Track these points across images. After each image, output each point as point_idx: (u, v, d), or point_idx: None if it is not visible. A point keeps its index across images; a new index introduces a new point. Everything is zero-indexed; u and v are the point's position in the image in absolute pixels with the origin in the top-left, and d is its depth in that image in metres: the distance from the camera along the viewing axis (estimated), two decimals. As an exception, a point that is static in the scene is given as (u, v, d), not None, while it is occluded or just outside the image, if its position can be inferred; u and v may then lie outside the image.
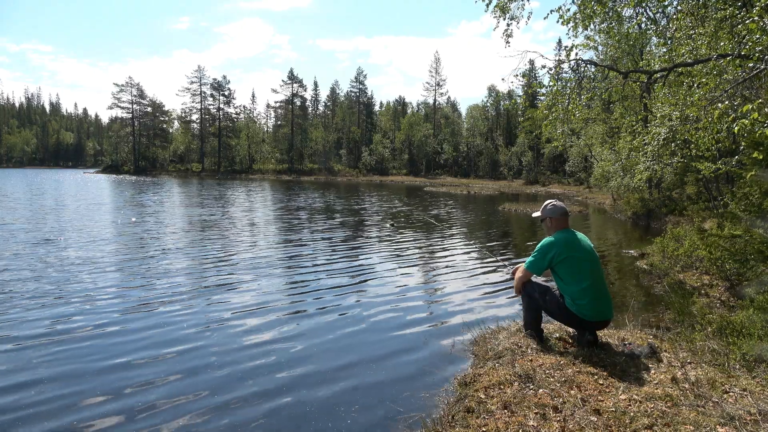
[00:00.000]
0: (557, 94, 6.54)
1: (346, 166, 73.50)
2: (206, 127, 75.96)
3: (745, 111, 3.87)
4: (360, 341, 4.79)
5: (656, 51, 13.20)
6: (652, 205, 17.37)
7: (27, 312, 5.39)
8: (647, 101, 14.98)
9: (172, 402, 3.45)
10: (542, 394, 2.97)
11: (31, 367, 4.02)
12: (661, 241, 8.75)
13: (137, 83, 75.44)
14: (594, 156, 29.05)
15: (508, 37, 6.82)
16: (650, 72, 7.15)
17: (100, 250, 9.29)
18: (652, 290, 6.93)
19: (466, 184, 51.29)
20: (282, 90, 75.35)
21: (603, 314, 3.80)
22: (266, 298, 6.25)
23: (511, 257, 9.92)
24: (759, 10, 4.20)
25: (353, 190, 38.45)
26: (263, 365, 4.14)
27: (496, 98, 71.77)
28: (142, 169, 72.07)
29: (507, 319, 5.02)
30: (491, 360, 3.76)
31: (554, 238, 3.86)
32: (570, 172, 47.40)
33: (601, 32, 7.19)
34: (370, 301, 6.23)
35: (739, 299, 5.66)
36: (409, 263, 8.91)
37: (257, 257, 9.00)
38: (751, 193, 6.74)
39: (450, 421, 2.93)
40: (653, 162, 12.91)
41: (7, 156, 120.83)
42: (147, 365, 4.10)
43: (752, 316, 4.21)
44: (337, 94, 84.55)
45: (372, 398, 3.56)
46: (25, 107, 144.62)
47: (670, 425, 2.61)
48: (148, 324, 5.12)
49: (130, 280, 7.06)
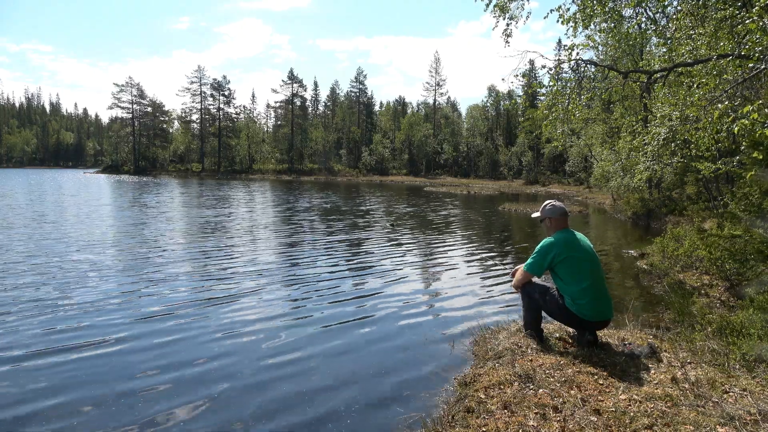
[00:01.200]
0: (557, 94, 6.54)
1: (346, 166, 73.50)
2: (206, 127, 75.96)
3: (745, 111, 3.87)
4: (360, 341, 4.79)
5: (656, 51, 13.21)
6: (652, 205, 17.37)
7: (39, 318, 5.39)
8: (647, 101, 14.98)
9: (170, 402, 3.46)
10: (542, 394, 2.97)
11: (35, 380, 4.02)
12: (661, 241, 8.75)
13: (137, 83, 75.51)
14: (594, 156, 29.05)
15: (507, 37, 6.83)
16: (650, 72, 7.16)
17: (114, 255, 9.29)
18: (652, 290, 6.93)
19: (466, 184, 51.28)
20: (282, 90, 75.42)
21: (603, 314, 3.80)
22: (267, 299, 6.25)
23: (511, 257, 9.91)
24: (759, 10, 4.20)
25: (355, 190, 38.45)
26: (263, 365, 4.13)
27: (496, 98, 71.81)
28: (142, 169, 72.07)
29: (507, 319, 5.02)
30: (491, 360, 3.76)
31: (554, 239, 3.86)
32: (570, 172, 47.40)
33: (601, 32, 7.20)
34: (370, 301, 6.22)
35: (739, 299, 5.66)
36: (409, 263, 8.91)
37: (262, 260, 9.00)
38: (751, 193, 6.74)
39: (450, 421, 2.93)
40: (653, 162, 12.91)
41: (7, 156, 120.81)
42: (152, 377, 4.10)
43: (752, 316, 4.21)
44: (337, 94, 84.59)
45: (372, 398, 3.56)
46: (25, 107, 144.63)
47: (670, 425, 2.61)
48: (154, 330, 5.11)
49: (146, 287, 7.05)
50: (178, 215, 16.74)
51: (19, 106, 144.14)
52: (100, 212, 16.81)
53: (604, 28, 7.16)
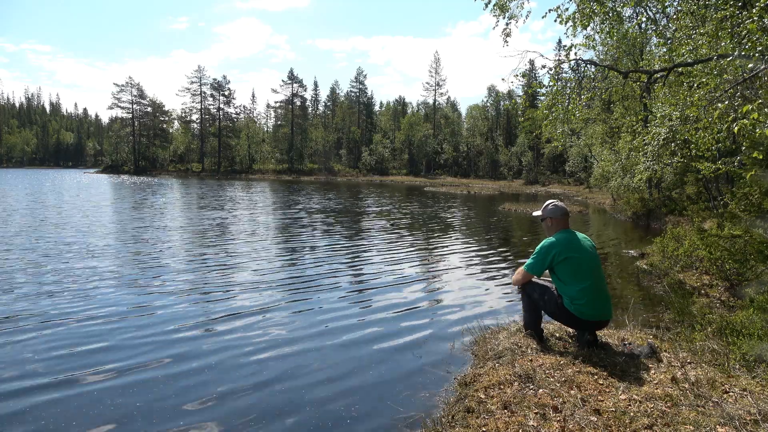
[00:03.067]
0: (557, 94, 6.53)
1: (346, 166, 73.51)
2: (206, 127, 75.98)
3: (745, 111, 3.87)
4: (360, 341, 4.78)
5: (656, 51, 13.21)
6: (652, 205, 17.37)
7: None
8: (647, 101, 14.98)
9: (165, 401, 3.46)
10: (542, 394, 2.97)
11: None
12: (661, 241, 8.74)
13: (137, 83, 75.51)
14: (594, 156, 29.05)
15: (506, 37, 6.82)
16: (650, 72, 7.15)
17: (130, 260, 9.29)
18: (652, 290, 6.93)
19: (466, 184, 51.29)
20: (282, 90, 75.42)
21: (602, 314, 3.80)
22: (266, 298, 6.25)
23: (511, 257, 9.90)
24: (759, 10, 4.20)
25: (356, 190, 38.43)
26: (263, 365, 4.13)
27: (495, 98, 71.83)
28: (142, 169, 72.07)
29: (507, 319, 5.02)
30: (491, 360, 3.76)
31: (554, 239, 3.86)
32: (570, 172, 47.44)
33: (601, 32, 7.20)
34: (370, 301, 6.23)
35: (739, 299, 5.66)
36: (409, 263, 8.90)
37: (262, 260, 8.99)
38: (751, 193, 6.75)
39: (450, 421, 2.93)
40: (653, 162, 12.92)
41: (7, 156, 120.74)
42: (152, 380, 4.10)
43: (752, 316, 4.21)
44: (337, 94, 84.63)
45: (372, 398, 3.56)
46: (25, 107, 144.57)
47: (670, 425, 2.61)
48: (154, 331, 5.12)
49: (147, 286, 7.06)
50: (199, 218, 16.74)
51: (19, 106, 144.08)
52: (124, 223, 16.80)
53: (604, 28, 7.16)
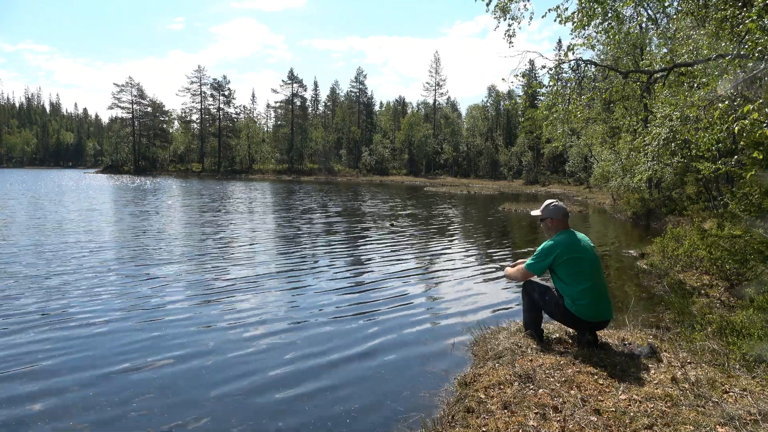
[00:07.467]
0: (557, 94, 6.54)
1: (346, 166, 73.49)
2: (206, 127, 75.99)
3: (746, 111, 3.87)
4: (360, 341, 4.78)
5: (656, 51, 13.22)
6: (652, 205, 17.36)
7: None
8: (647, 101, 14.99)
9: (163, 399, 3.46)
10: (542, 394, 2.97)
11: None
12: (661, 241, 8.74)
13: (137, 83, 75.60)
14: (594, 156, 29.05)
15: (510, 38, 6.80)
16: (650, 72, 7.16)
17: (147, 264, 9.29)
18: (652, 290, 6.92)
19: (466, 184, 51.28)
20: (282, 90, 75.42)
21: (602, 315, 3.80)
22: (265, 298, 6.25)
23: (511, 257, 9.90)
24: (759, 10, 4.20)
25: (357, 190, 38.43)
26: (263, 365, 4.13)
27: (495, 98, 71.80)
28: (142, 169, 72.09)
29: (507, 319, 5.02)
30: (491, 360, 3.76)
31: (556, 240, 3.86)
32: (570, 172, 47.39)
33: (601, 32, 7.21)
34: (370, 301, 6.22)
35: (739, 299, 5.66)
36: (409, 263, 8.90)
37: (261, 260, 8.99)
38: (751, 193, 6.74)
39: (450, 421, 2.93)
40: (653, 162, 12.92)
41: (7, 156, 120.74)
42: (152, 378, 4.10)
43: (752, 316, 4.21)
44: (337, 94, 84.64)
45: (372, 398, 3.56)
46: (25, 107, 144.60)
47: (670, 425, 2.61)
48: (154, 329, 5.12)
49: (148, 285, 7.06)
50: (218, 221, 16.73)
51: (19, 106, 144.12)
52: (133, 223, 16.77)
53: (604, 28, 7.16)
